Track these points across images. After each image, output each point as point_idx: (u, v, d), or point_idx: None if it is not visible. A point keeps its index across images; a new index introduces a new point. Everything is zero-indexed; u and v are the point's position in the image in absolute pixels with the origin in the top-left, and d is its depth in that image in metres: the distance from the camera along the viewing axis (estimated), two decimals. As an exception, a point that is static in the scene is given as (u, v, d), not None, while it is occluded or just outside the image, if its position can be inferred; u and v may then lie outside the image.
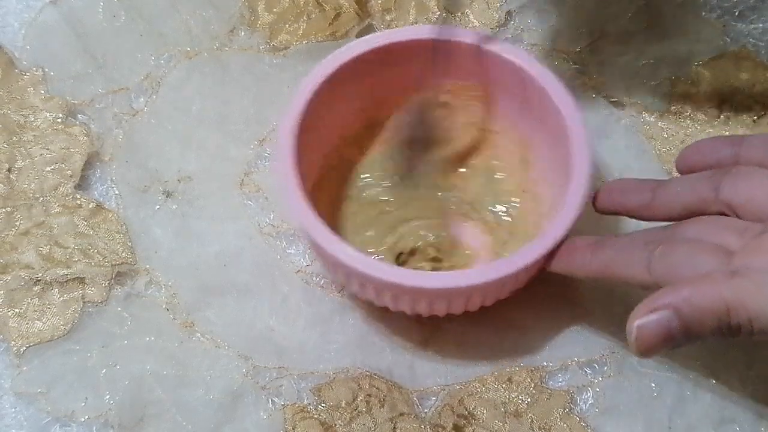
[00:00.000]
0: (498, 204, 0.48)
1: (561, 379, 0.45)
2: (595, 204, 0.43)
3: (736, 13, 0.53)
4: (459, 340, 0.46)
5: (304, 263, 0.48)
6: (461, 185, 0.49)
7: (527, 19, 0.54)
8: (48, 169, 0.49)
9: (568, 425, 0.43)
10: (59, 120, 0.50)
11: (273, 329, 0.46)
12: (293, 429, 0.43)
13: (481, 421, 0.44)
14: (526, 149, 0.48)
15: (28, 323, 0.45)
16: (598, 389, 0.44)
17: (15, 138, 0.50)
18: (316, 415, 0.43)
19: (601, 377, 0.45)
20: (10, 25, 0.53)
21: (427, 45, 0.46)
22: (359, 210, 0.48)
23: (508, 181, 0.49)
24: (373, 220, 0.48)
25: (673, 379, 0.44)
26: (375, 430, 0.43)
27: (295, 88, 0.45)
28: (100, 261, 0.47)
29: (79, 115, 0.51)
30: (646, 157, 0.50)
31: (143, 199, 0.49)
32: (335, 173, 0.49)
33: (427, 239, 0.47)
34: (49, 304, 0.46)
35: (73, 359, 0.45)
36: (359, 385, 0.44)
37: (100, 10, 0.53)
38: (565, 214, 0.41)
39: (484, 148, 0.49)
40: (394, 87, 0.48)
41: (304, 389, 0.44)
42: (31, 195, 0.48)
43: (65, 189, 0.49)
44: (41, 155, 0.49)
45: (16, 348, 0.45)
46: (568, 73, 0.52)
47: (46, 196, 0.48)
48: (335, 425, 0.43)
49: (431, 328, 0.46)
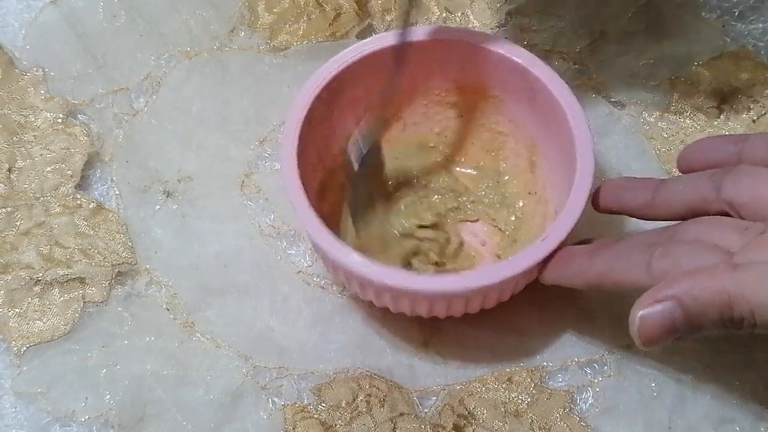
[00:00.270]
0: (504, 206, 0.48)
1: (561, 379, 0.45)
2: (594, 203, 0.43)
3: (736, 13, 0.53)
4: (459, 340, 0.46)
5: (305, 264, 0.48)
6: (469, 187, 0.49)
7: (527, 19, 0.54)
8: (48, 169, 0.49)
9: (568, 425, 0.43)
10: (59, 120, 0.50)
11: (273, 329, 0.46)
12: (293, 429, 0.43)
13: (481, 421, 0.44)
14: (533, 151, 0.48)
15: (28, 323, 0.45)
16: (598, 389, 0.44)
17: (15, 138, 0.50)
18: (316, 415, 0.43)
19: (601, 377, 0.45)
20: (10, 25, 0.54)
21: (430, 46, 0.46)
22: (364, 212, 0.48)
23: (515, 183, 0.49)
24: (378, 222, 0.48)
25: (673, 379, 0.44)
26: (375, 430, 0.43)
27: (300, 88, 0.45)
28: (100, 261, 0.47)
29: (79, 115, 0.51)
30: (646, 157, 0.50)
31: (143, 199, 0.49)
32: (342, 172, 0.49)
33: (431, 241, 0.47)
34: (49, 304, 0.46)
35: (73, 359, 0.45)
36: (359, 385, 0.44)
37: (100, 10, 0.53)
38: (567, 217, 0.41)
39: (491, 149, 0.49)
40: (399, 87, 0.48)
41: (304, 389, 0.44)
42: (32, 195, 0.48)
43: (65, 189, 0.49)
44: (41, 155, 0.49)
45: (16, 348, 0.45)
46: (568, 73, 0.52)
47: (47, 196, 0.48)
48: (335, 425, 0.43)
49: (431, 328, 0.46)
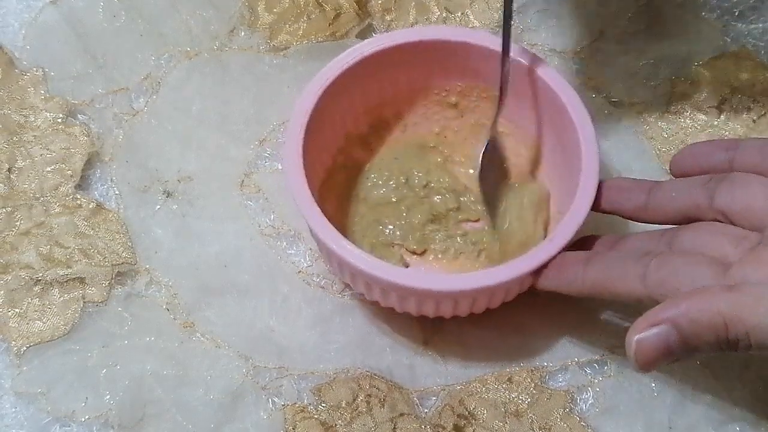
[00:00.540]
0: (504, 206, 0.48)
1: (561, 379, 0.45)
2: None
3: (736, 13, 0.53)
4: (459, 340, 0.46)
5: (305, 264, 0.48)
6: (469, 186, 0.49)
7: (527, 19, 0.54)
8: (48, 169, 0.49)
9: (568, 425, 0.43)
10: (59, 120, 0.50)
11: (273, 329, 0.46)
12: (293, 429, 0.43)
13: (481, 421, 0.44)
14: (534, 151, 0.48)
15: (28, 323, 0.45)
16: (598, 389, 0.44)
17: (15, 138, 0.50)
18: (316, 415, 0.43)
19: (601, 377, 0.45)
20: (10, 25, 0.54)
21: (434, 46, 0.46)
22: (367, 211, 0.48)
23: (517, 184, 0.49)
24: (380, 221, 0.48)
25: (673, 379, 0.44)
26: (375, 430, 0.43)
27: (302, 88, 0.45)
28: (100, 261, 0.47)
29: (79, 115, 0.51)
30: (646, 157, 0.50)
31: (143, 199, 0.49)
32: (343, 173, 0.49)
33: (434, 240, 0.47)
34: (49, 304, 0.46)
35: (73, 359, 0.45)
36: (359, 385, 0.44)
37: (100, 10, 0.53)
38: (572, 219, 0.41)
39: (493, 149, 0.49)
40: (400, 88, 0.48)
41: (304, 389, 0.44)
42: (32, 195, 0.48)
43: (65, 189, 0.49)
44: (41, 155, 0.49)
45: (16, 348, 0.45)
46: (568, 73, 0.52)
47: (47, 196, 0.48)
48: (335, 425, 0.43)
49: (432, 328, 0.46)
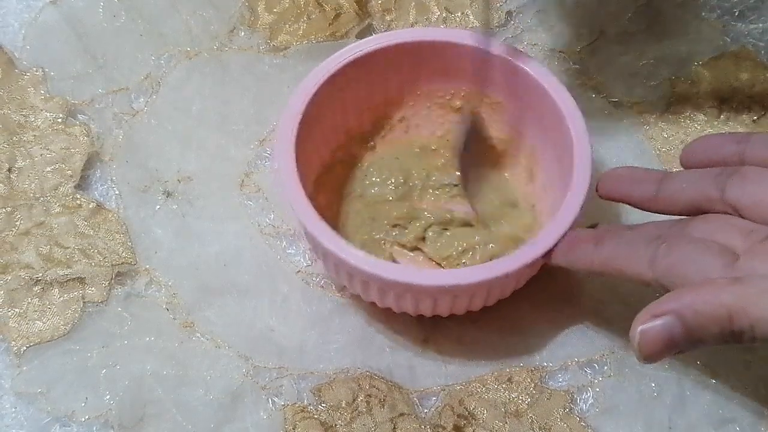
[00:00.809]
0: (500, 214, 0.48)
1: (561, 379, 0.45)
2: (598, 190, 0.43)
3: (736, 13, 0.53)
4: (459, 340, 0.46)
5: (305, 263, 0.48)
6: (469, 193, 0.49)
7: (527, 19, 0.54)
8: (48, 169, 0.49)
9: (568, 425, 0.43)
10: (59, 120, 0.50)
11: (273, 329, 0.46)
12: (293, 429, 0.43)
13: (481, 421, 0.44)
14: (532, 160, 0.48)
15: (28, 323, 0.45)
16: (598, 389, 0.44)
17: (15, 138, 0.50)
18: (316, 415, 0.43)
19: (601, 377, 0.45)
20: (10, 25, 0.54)
21: (436, 47, 0.46)
22: (363, 208, 0.48)
23: (514, 191, 0.48)
24: (375, 219, 0.48)
25: (673, 379, 0.44)
26: (375, 430, 0.43)
27: (297, 85, 0.45)
28: (100, 261, 0.47)
29: (79, 115, 0.51)
30: (646, 157, 0.50)
31: (143, 199, 0.49)
32: (342, 168, 0.49)
33: (427, 240, 0.47)
34: (49, 304, 0.46)
35: (73, 359, 0.45)
36: (359, 385, 0.44)
37: (100, 10, 0.53)
38: (566, 213, 0.41)
39: (494, 155, 0.49)
40: (405, 88, 0.48)
41: (304, 389, 0.44)
42: (32, 195, 0.48)
43: (65, 189, 0.49)
44: (41, 155, 0.49)
45: (16, 348, 0.45)
46: (568, 73, 0.52)
47: (47, 196, 0.48)
48: (335, 425, 0.43)
49: (431, 328, 0.46)
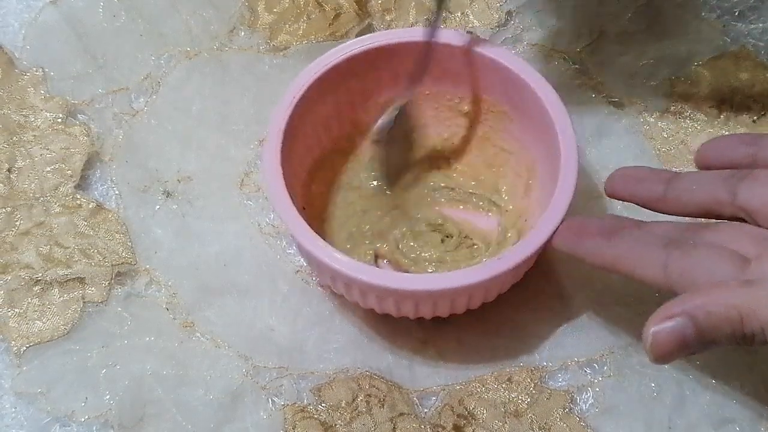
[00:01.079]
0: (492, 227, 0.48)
1: (561, 379, 0.45)
2: (606, 189, 0.43)
3: (736, 13, 0.53)
4: (459, 340, 0.46)
5: (305, 263, 0.48)
6: (474, 191, 0.49)
7: (527, 19, 0.54)
8: (48, 169, 0.49)
9: (568, 425, 0.43)
10: (59, 120, 0.50)
11: (273, 329, 0.46)
12: (293, 429, 0.43)
13: (481, 421, 0.44)
14: (531, 174, 0.47)
15: (28, 323, 0.45)
16: (598, 389, 0.44)
17: (15, 138, 0.50)
18: (316, 415, 0.43)
19: (601, 377, 0.45)
20: (10, 25, 0.54)
21: (446, 50, 0.46)
22: (357, 200, 0.48)
23: (509, 203, 0.48)
24: (367, 212, 0.48)
25: (673, 379, 0.44)
26: (375, 430, 0.43)
27: (292, 81, 0.45)
28: (100, 261, 0.47)
29: (79, 115, 0.51)
30: (646, 157, 0.50)
31: (143, 199, 0.49)
32: (342, 158, 0.49)
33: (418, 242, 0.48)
34: (49, 304, 0.46)
35: (73, 359, 0.45)
36: (359, 385, 0.44)
37: (100, 10, 0.53)
38: (556, 205, 0.41)
39: (494, 165, 0.49)
40: (411, 86, 0.48)
41: (304, 389, 0.44)
42: (32, 195, 0.48)
43: (65, 189, 0.49)
44: (41, 155, 0.49)
45: (16, 348, 0.45)
46: (568, 73, 0.52)
47: (47, 196, 0.48)
48: (335, 425, 0.43)
49: (431, 328, 0.46)
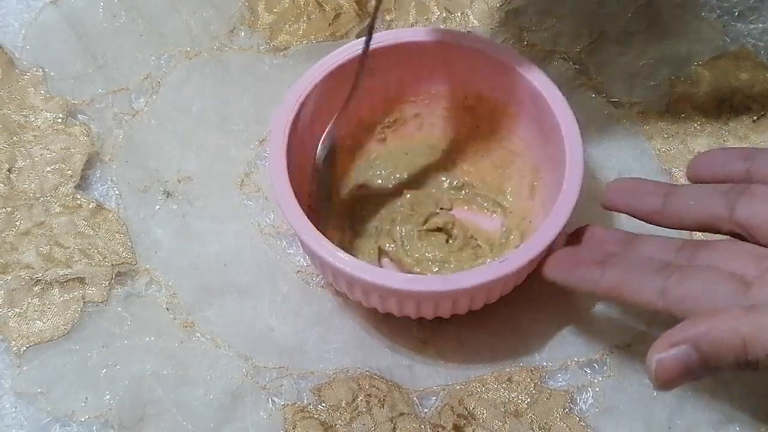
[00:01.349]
0: (498, 226, 0.48)
1: (561, 379, 0.45)
2: (603, 201, 0.43)
3: (736, 14, 0.53)
4: (459, 340, 0.46)
5: (304, 263, 0.48)
6: (476, 187, 0.49)
7: (527, 19, 0.54)
8: (48, 169, 0.49)
9: (568, 425, 0.43)
10: (59, 120, 0.50)
11: (273, 329, 0.46)
12: (293, 429, 0.43)
13: (481, 421, 0.44)
14: (536, 175, 0.47)
15: (28, 323, 0.45)
16: (598, 389, 0.44)
17: (15, 138, 0.50)
18: (316, 415, 0.43)
19: (601, 377, 0.45)
20: (10, 25, 0.54)
21: (454, 49, 0.46)
22: (362, 196, 0.48)
23: (514, 204, 0.48)
24: (372, 210, 0.48)
25: (673, 379, 0.44)
26: (375, 430, 0.43)
27: (296, 81, 0.45)
28: (100, 261, 0.47)
29: (79, 115, 0.51)
30: (646, 157, 0.50)
31: (143, 199, 0.49)
32: (348, 155, 0.49)
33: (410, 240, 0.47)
34: (49, 304, 0.46)
35: (73, 359, 0.45)
36: (359, 385, 0.44)
37: (101, 11, 0.53)
38: (560, 209, 0.41)
39: (499, 166, 0.49)
40: (421, 85, 0.48)
41: (304, 389, 0.44)
42: (32, 195, 0.48)
43: (65, 189, 0.49)
44: (41, 155, 0.49)
45: (16, 348, 0.45)
46: (568, 73, 0.52)
47: (47, 196, 0.48)
48: (335, 425, 0.43)
49: (431, 328, 0.46)
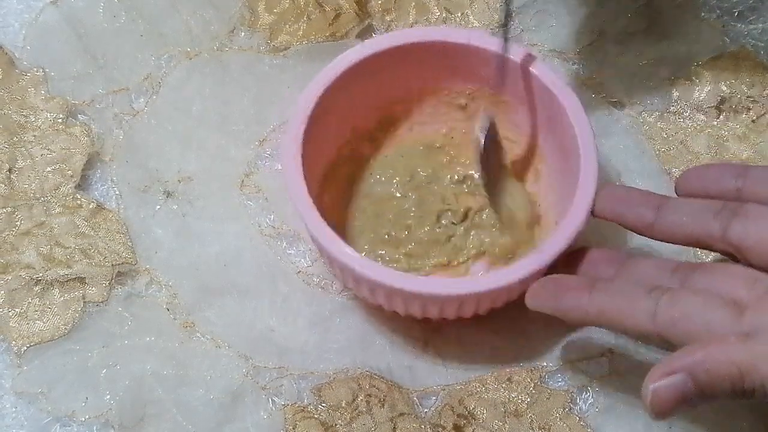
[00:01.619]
0: (505, 187, 0.48)
1: (561, 379, 0.45)
2: (594, 208, 0.42)
3: (736, 14, 0.53)
4: (459, 340, 0.46)
5: (305, 264, 0.48)
6: (477, 184, 0.49)
7: (527, 19, 0.54)
8: (48, 169, 0.49)
9: (568, 425, 0.43)
10: (60, 120, 0.50)
11: (273, 329, 0.46)
12: (293, 429, 0.43)
13: (481, 421, 0.44)
14: (538, 159, 0.48)
15: (28, 323, 0.45)
16: (598, 389, 0.44)
17: (16, 138, 0.50)
18: (316, 415, 0.43)
19: (601, 377, 0.45)
20: (10, 26, 0.54)
21: (441, 47, 0.46)
22: (369, 206, 0.48)
23: (518, 194, 0.48)
24: (381, 217, 0.48)
25: (672, 379, 0.44)
26: (375, 430, 0.43)
27: (301, 88, 0.45)
28: (100, 261, 0.47)
29: (79, 115, 0.51)
30: (645, 157, 0.50)
31: (143, 199, 0.49)
32: (347, 166, 0.49)
33: (434, 241, 0.47)
34: (49, 304, 0.46)
35: (73, 359, 0.45)
36: (359, 385, 0.44)
37: (101, 11, 0.53)
38: (566, 229, 0.41)
39: (502, 156, 0.49)
40: (411, 86, 0.48)
41: (304, 389, 0.44)
42: (32, 195, 0.48)
43: (66, 189, 0.49)
44: (42, 155, 0.49)
45: (16, 348, 0.45)
46: (568, 73, 0.52)
47: (47, 196, 0.48)
48: (335, 425, 0.43)
49: (431, 328, 0.46)
